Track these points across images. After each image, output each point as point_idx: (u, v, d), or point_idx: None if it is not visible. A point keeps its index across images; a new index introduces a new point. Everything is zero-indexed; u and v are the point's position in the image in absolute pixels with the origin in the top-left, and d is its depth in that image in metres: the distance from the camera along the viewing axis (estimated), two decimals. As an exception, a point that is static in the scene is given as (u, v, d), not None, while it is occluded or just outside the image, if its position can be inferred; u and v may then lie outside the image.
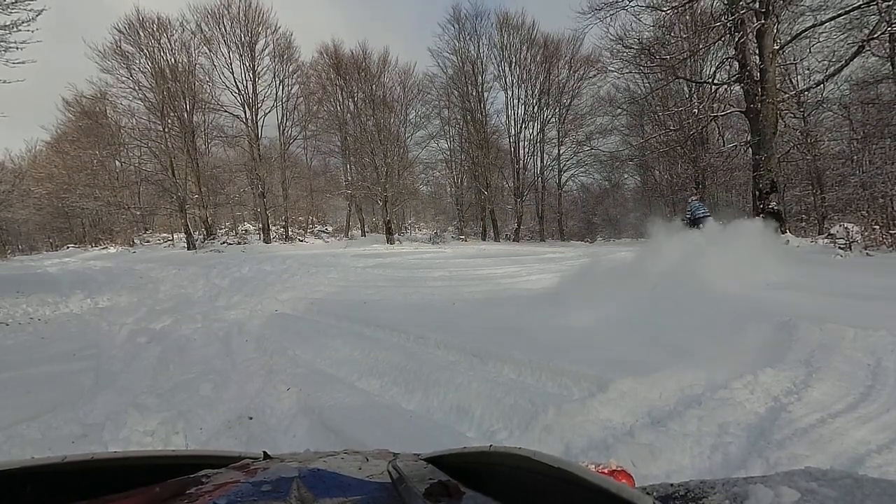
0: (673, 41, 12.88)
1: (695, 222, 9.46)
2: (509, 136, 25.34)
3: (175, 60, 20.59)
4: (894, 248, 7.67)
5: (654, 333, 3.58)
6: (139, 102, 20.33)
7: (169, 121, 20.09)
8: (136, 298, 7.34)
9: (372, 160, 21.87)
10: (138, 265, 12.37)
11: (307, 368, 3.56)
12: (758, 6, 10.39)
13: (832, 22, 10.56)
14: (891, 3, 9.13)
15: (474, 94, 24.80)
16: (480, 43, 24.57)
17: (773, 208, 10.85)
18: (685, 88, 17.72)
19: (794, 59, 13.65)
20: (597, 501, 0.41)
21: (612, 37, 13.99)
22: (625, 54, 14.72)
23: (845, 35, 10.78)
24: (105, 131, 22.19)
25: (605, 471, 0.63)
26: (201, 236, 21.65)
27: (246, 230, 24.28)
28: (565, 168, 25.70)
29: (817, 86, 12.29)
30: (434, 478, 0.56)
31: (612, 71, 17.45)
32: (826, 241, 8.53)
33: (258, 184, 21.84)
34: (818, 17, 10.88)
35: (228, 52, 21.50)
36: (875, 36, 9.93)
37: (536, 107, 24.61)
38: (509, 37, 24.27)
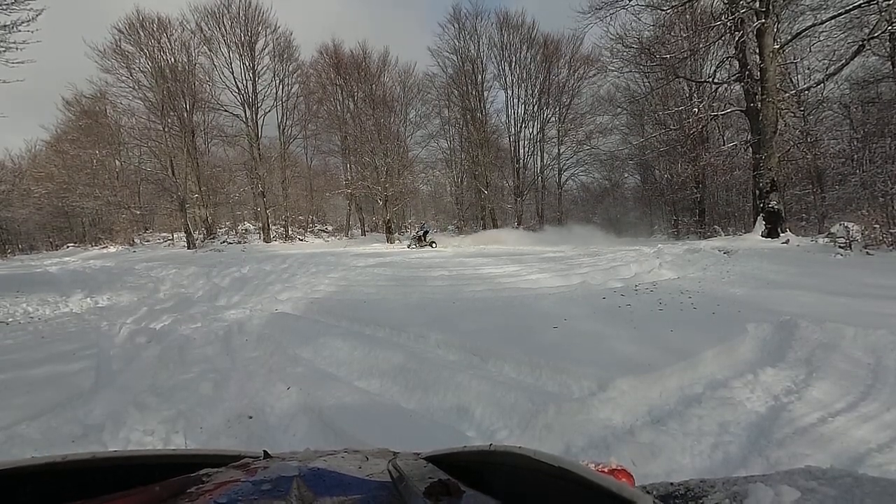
0: (673, 40, 12.83)
1: (424, 234, 18.11)
2: (509, 136, 25.39)
3: (175, 60, 20.62)
4: (894, 248, 7.65)
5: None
6: (139, 102, 20.39)
7: (169, 120, 20.09)
8: (136, 298, 7.34)
9: (372, 159, 21.84)
10: (138, 264, 12.35)
11: (307, 368, 3.56)
12: (758, 5, 10.37)
13: (832, 21, 10.54)
14: (891, 2, 9.12)
15: (474, 93, 24.78)
16: (480, 42, 24.60)
17: (773, 207, 10.84)
18: (685, 88, 17.68)
19: (795, 58, 13.63)
20: (597, 500, 0.41)
21: (611, 36, 13.96)
22: (625, 53, 14.72)
23: (845, 34, 10.77)
24: (105, 131, 22.21)
25: (606, 470, 0.62)
26: (201, 236, 21.64)
27: (246, 229, 24.29)
28: (565, 167, 25.75)
29: (817, 85, 12.28)
30: (434, 477, 0.56)
31: (612, 70, 17.48)
32: (826, 240, 8.52)
33: (258, 183, 21.85)
34: (818, 16, 10.86)
35: (228, 52, 21.56)
36: (875, 35, 9.92)
37: (536, 106, 24.64)
38: (509, 36, 24.31)
